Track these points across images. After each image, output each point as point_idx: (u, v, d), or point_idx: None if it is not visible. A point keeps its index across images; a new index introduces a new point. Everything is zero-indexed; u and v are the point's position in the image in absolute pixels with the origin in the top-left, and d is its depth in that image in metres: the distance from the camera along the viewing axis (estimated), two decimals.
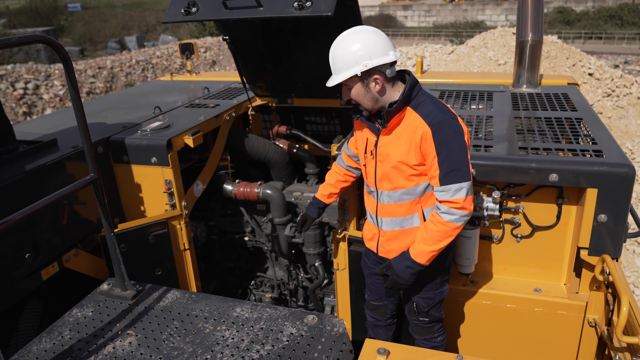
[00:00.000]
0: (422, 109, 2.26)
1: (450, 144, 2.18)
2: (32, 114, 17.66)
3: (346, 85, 2.27)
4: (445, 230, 2.24)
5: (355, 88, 2.24)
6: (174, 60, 24.49)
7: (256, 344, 2.19)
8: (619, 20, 35.32)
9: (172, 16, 3.21)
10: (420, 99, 2.29)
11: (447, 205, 2.21)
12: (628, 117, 13.44)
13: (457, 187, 2.19)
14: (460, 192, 2.19)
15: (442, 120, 2.20)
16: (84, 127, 2.33)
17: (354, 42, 2.19)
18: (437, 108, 2.25)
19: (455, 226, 2.24)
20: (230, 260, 4.36)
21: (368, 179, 2.51)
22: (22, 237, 2.67)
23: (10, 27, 38.18)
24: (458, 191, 2.19)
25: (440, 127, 2.19)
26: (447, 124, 2.20)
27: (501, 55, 16.02)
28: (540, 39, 3.87)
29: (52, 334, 2.33)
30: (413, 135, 2.24)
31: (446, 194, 2.21)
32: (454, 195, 2.19)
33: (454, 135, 2.19)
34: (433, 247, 2.27)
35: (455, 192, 2.19)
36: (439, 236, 2.25)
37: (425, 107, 2.26)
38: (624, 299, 2.18)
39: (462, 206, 2.20)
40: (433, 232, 2.26)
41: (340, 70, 2.21)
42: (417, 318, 2.64)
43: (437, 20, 42.81)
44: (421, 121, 2.23)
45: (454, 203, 2.20)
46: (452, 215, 2.22)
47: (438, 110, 2.23)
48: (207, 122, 3.63)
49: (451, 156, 2.18)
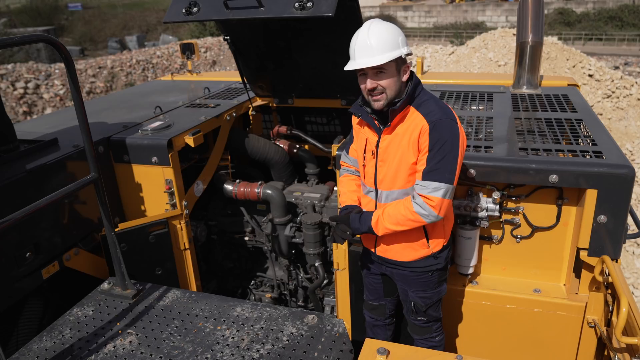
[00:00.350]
0: (424, 107, 2.28)
1: (444, 143, 2.20)
2: (32, 113, 17.67)
3: (382, 69, 2.21)
4: (409, 218, 2.28)
5: (390, 73, 2.22)
6: (175, 60, 24.52)
7: (256, 343, 2.20)
8: (619, 22, 35.34)
9: (173, 16, 3.21)
10: (422, 99, 2.31)
11: (423, 200, 2.24)
12: (628, 118, 13.46)
13: (436, 185, 2.21)
14: (438, 191, 2.21)
15: (441, 119, 2.22)
16: (86, 127, 2.34)
17: (391, 27, 2.23)
18: (438, 107, 2.27)
19: (419, 220, 2.27)
20: (230, 260, 4.37)
21: (366, 179, 2.50)
22: (23, 236, 2.67)
23: (10, 27, 38.24)
24: (436, 190, 2.21)
25: (438, 125, 2.21)
26: (446, 124, 2.22)
27: (501, 56, 16.04)
28: (540, 40, 3.88)
29: (53, 333, 2.34)
30: (413, 133, 2.26)
31: (424, 189, 2.23)
32: (431, 193, 2.22)
33: (450, 137, 2.21)
34: (391, 226, 2.33)
35: (433, 189, 2.21)
36: (401, 220, 2.30)
37: (427, 106, 2.28)
38: (624, 299, 2.19)
39: (436, 206, 2.22)
40: (399, 214, 2.30)
41: (384, 51, 2.17)
42: (415, 317, 2.65)
43: (437, 21, 42.83)
44: (422, 119, 2.25)
45: (430, 200, 2.23)
46: (422, 209, 2.24)
47: (439, 110, 2.26)
48: (207, 122, 3.64)
49: (440, 156, 2.20)
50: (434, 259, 2.48)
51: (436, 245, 2.46)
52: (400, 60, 2.24)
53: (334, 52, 3.58)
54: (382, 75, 2.22)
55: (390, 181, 2.38)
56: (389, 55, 2.17)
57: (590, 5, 38.54)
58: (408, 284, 2.56)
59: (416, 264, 2.48)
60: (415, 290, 2.56)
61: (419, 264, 2.48)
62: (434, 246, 2.45)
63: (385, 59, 2.16)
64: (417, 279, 2.52)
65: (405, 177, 2.34)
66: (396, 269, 2.56)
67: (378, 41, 2.18)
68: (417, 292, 2.56)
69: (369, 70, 2.22)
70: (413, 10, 44.27)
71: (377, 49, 2.17)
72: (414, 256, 2.46)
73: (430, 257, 2.47)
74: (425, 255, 2.46)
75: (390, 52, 2.18)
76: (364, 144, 2.48)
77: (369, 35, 2.19)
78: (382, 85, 2.24)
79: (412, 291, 2.57)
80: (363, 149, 2.48)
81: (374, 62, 2.17)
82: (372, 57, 2.18)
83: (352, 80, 3.74)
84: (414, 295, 2.57)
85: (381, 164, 2.39)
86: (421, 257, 2.46)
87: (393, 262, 2.54)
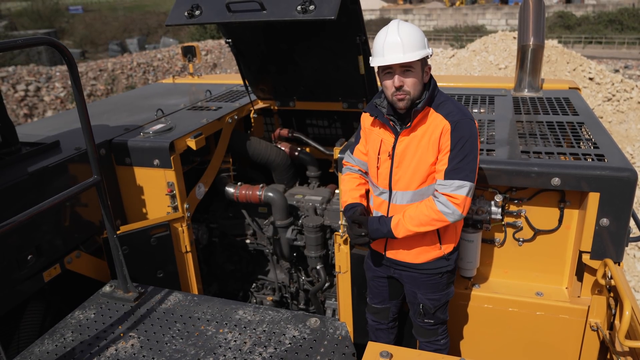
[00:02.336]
0: (443, 108, 2.30)
1: (465, 143, 2.22)
2: (33, 115, 17.68)
3: (410, 68, 2.22)
4: (433, 218, 2.28)
5: (416, 72, 2.24)
6: (175, 63, 24.54)
7: (259, 346, 2.19)
8: (619, 25, 35.40)
9: (175, 19, 3.21)
10: (440, 99, 2.33)
11: (447, 198, 2.24)
12: (628, 121, 13.46)
13: (459, 183, 2.22)
14: (461, 189, 2.22)
15: (462, 119, 2.24)
16: (88, 129, 2.33)
17: (417, 28, 2.27)
18: (457, 108, 2.30)
19: (443, 219, 2.27)
20: (231, 263, 4.36)
21: (379, 181, 2.48)
22: (25, 238, 2.67)
23: (11, 29, 38.30)
24: (460, 188, 2.22)
25: (459, 125, 2.24)
26: (467, 124, 2.24)
27: (502, 59, 16.06)
28: (541, 44, 3.88)
29: (54, 336, 2.33)
30: (433, 133, 2.27)
31: (447, 188, 2.24)
32: (454, 191, 2.23)
33: (470, 136, 2.24)
34: (414, 227, 2.31)
35: (457, 188, 2.22)
36: (425, 221, 2.29)
37: (446, 107, 2.30)
38: (627, 302, 2.18)
39: (460, 204, 2.23)
40: (422, 214, 2.29)
41: (414, 49, 2.19)
42: (422, 320, 2.64)
43: (437, 24, 42.91)
44: (442, 119, 2.27)
45: (454, 198, 2.23)
46: (447, 208, 2.25)
47: (458, 110, 2.28)
48: (209, 124, 3.64)
49: (462, 155, 2.22)
50: (445, 260, 2.48)
51: (448, 247, 2.46)
52: (424, 61, 2.27)
53: (336, 55, 3.58)
54: (408, 74, 2.23)
55: (406, 182, 2.37)
56: (419, 53, 2.20)
57: (590, 8, 38.64)
58: (417, 286, 2.56)
59: (427, 266, 2.48)
60: (424, 293, 2.55)
61: (430, 265, 2.48)
62: (446, 248, 2.46)
63: (416, 56, 2.19)
64: (427, 280, 2.52)
65: (422, 178, 2.34)
66: (406, 271, 2.55)
67: (408, 39, 2.19)
68: (426, 294, 2.55)
69: (397, 68, 2.22)
70: (413, 13, 44.37)
71: (408, 46, 2.19)
72: (426, 258, 2.46)
73: (442, 258, 2.47)
74: (436, 257, 2.46)
75: (420, 50, 2.21)
76: (378, 145, 2.45)
77: (399, 33, 2.20)
78: (407, 83, 2.24)
79: (421, 293, 2.56)
80: (377, 151, 2.45)
81: (406, 58, 2.17)
82: (403, 53, 2.18)
83: (353, 83, 3.78)
84: (422, 297, 2.57)
85: (398, 165, 2.38)
86: (432, 259, 2.47)
87: (403, 264, 2.53)
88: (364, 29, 3.27)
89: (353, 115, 4.22)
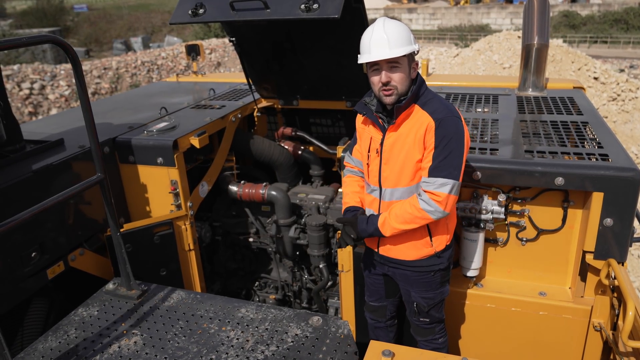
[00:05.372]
0: (429, 106, 2.30)
1: (449, 141, 2.22)
2: (37, 114, 17.75)
3: (396, 64, 2.24)
4: (416, 216, 2.29)
5: (403, 68, 2.26)
6: (179, 62, 24.58)
7: (261, 344, 2.19)
8: (624, 25, 35.25)
9: (179, 17, 3.22)
10: (427, 97, 2.33)
11: (429, 196, 2.26)
12: (633, 121, 13.41)
13: (442, 181, 2.23)
14: (444, 187, 2.23)
15: (446, 117, 2.25)
16: (92, 127, 2.34)
17: (403, 24, 2.29)
18: (443, 105, 2.30)
19: (426, 217, 2.29)
20: (234, 261, 4.37)
21: (370, 178, 2.50)
22: (29, 236, 2.68)
23: (16, 28, 38.43)
24: (443, 185, 2.23)
25: (443, 123, 2.24)
26: (451, 122, 2.24)
27: (506, 58, 16.02)
28: (546, 43, 3.87)
29: (58, 333, 2.34)
30: (419, 131, 2.28)
31: (431, 185, 2.25)
32: (437, 189, 2.23)
33: (455, 134, 2.24)
34: (399, 225, 2.34)
35: (439, 185, 2.23)
36: (409, 219, 2.31)
37: (432, 104, 2.30)
38: (630, 303, 2.17)
39: (442, 201, 2.24)
40: (406, 212, 2.31)
41: (400, 45, 2.21)
42: (417, 319, 2.64)
43: (441, 23, 42.83)
44: (427, 116, 2.27)
45: (436, 196, 2.24)
46: (429, 206, 2.26)
47: (444, 108, 2.29)
48: (212, 123, 3.64)
49: (446, 152, 2.22)
50: (437, 258, 2.48)
51: (439, 244, 2.46)
52: (411, 57, 2.28)
53: (339, 54, 3.58)
54: (395, 70, 2.25)
55: (395, 179, 2.38)
56: (405, 49, 2.21)
57: (596, 7, 38.46)
58: (410, 284, 2.56)
59: (419, 263, 2.48)
60: (417, 291, 2.56)
61: (422, 263, 2.48)
62: (437, 245, 2.45)
63: (402, 52, 2.20)
64: (419, 278, 2.52)
65: (410, 175, 2.35)
66: (398, 268, 2.56)
67: (394, 35, 2.21)
68: (420, 293, 2.56)
69: (384, 64, 2.24)
70: (418, 12, 44.30)
71: (394, 42, 2.21)
72: (417, 255, 2.46)
73: (434, 256, 2.47)
74: (428, 254, 2.46)
75: (406, 46, 2.22)
76: (368, 143, 2.48)
77: (385, 30, 2.22)
78: (394, 79, 2.25)
79: (415, 291, 2.57)
80: (367, 148, 2.49)
81: (392, 54, 2.20)
82: (389, 49, 2.21)
83: (357, 82, 3.78)
84: (416, 295, 2.57)
85: (386, 162, 2.40)
86: (424, 257, 2.46)
87: (396, 262, 2.54)
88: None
89: (356, 114, 4.21)
